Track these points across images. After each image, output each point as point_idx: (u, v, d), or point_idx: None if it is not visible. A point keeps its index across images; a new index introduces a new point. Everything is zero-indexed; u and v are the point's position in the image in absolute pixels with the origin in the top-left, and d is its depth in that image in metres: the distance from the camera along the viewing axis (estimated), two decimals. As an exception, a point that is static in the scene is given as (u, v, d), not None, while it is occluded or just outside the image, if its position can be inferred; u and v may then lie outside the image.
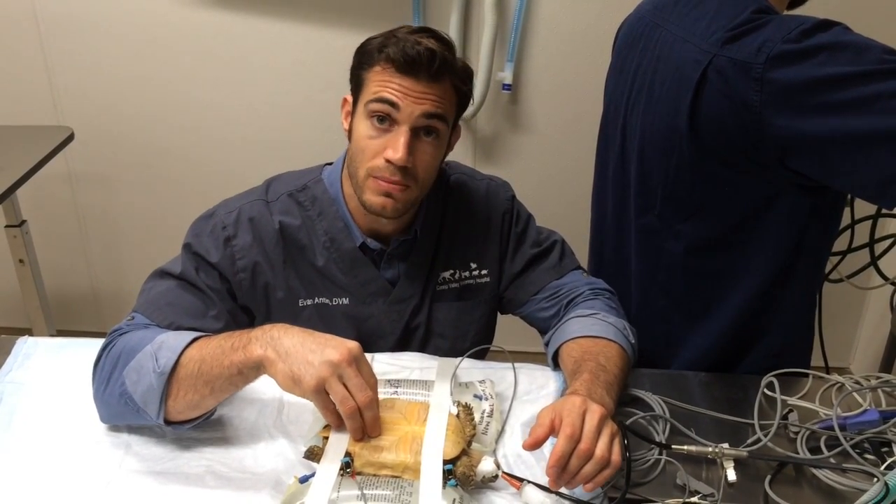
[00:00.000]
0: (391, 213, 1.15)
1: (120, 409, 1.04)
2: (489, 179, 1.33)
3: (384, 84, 1.10)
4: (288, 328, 0.97)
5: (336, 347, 0.94)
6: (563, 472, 0.91)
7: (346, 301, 1.24)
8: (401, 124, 1.10)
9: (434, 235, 1.27)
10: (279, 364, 0.94)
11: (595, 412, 0.94)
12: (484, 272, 1.30)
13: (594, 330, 1.18)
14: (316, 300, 1.24)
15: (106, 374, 1.05)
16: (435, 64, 1.08)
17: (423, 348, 1.29)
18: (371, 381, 0.96)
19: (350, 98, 1.18)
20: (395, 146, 1.10)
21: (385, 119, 1.11)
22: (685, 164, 1.18)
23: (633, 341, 1.21)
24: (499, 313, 1.39)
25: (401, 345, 1.28)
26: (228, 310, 1.19)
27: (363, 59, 1.14)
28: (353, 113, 1.17)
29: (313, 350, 0.93)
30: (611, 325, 1.20)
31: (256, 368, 0.97)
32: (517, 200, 1.33)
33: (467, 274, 1.30)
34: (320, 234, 1.22)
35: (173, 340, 1.02)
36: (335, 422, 0.97)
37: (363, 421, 0.95)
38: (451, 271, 1.29)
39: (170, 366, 0.99)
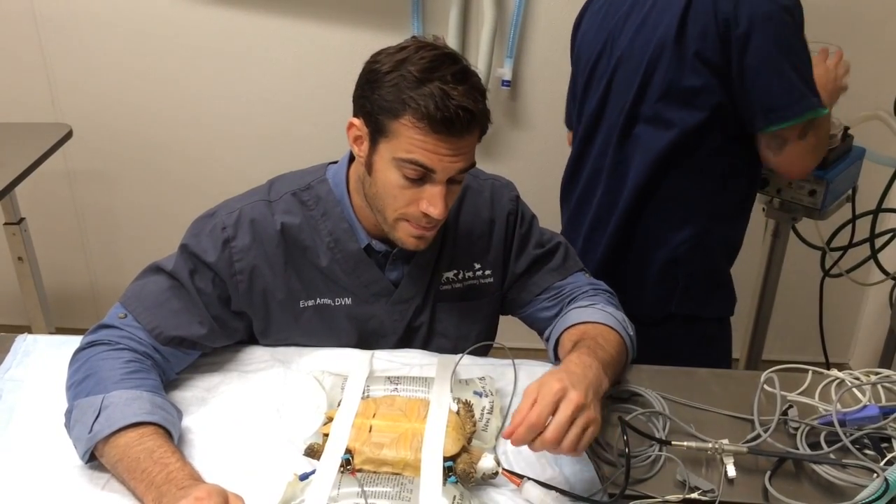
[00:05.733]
0: (422, 248, 1.17)
1: (66, 415, 1.05)
2: (493, 179, 1.32)
3: (417, 144, 1.05)
4: (184, 491, 0.91)
5: None
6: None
7: (348, 301, 1.24)
8: (437, 182, 1.09)
9: (439, 236, 1.26)
10: None
11: (570, 402, 0.91)
12: (487, 273, 1.30)
13: (594, 317, 1.19)
14: (317, 301, 1.23)
15: (73, 380, 1.08)
16: (473, 123, 1.06)
17: (425, 348, 1.28)
18: None
19: (359, 124, 1.11)
20: (435, 202, 1.08)
21: (419, 177, 1.09)
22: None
23: (631, 334, 1.21)
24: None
25: (403, 345, 1.28)
26: (215, 316, 1.18)
27: (383, 102, 1.05)
28: (371, 149, 1.11)
29: None
30: (610, 314, 1.20)
31: None
32: (521, 201, 1.32)
33: (471, 274, 1.29)
34: (324, 235, 1.21)
35: (119, 412, 1.00)
36: None
37: None
38: (455, 271, 1.28)
39: (99, 437, 0.99)
